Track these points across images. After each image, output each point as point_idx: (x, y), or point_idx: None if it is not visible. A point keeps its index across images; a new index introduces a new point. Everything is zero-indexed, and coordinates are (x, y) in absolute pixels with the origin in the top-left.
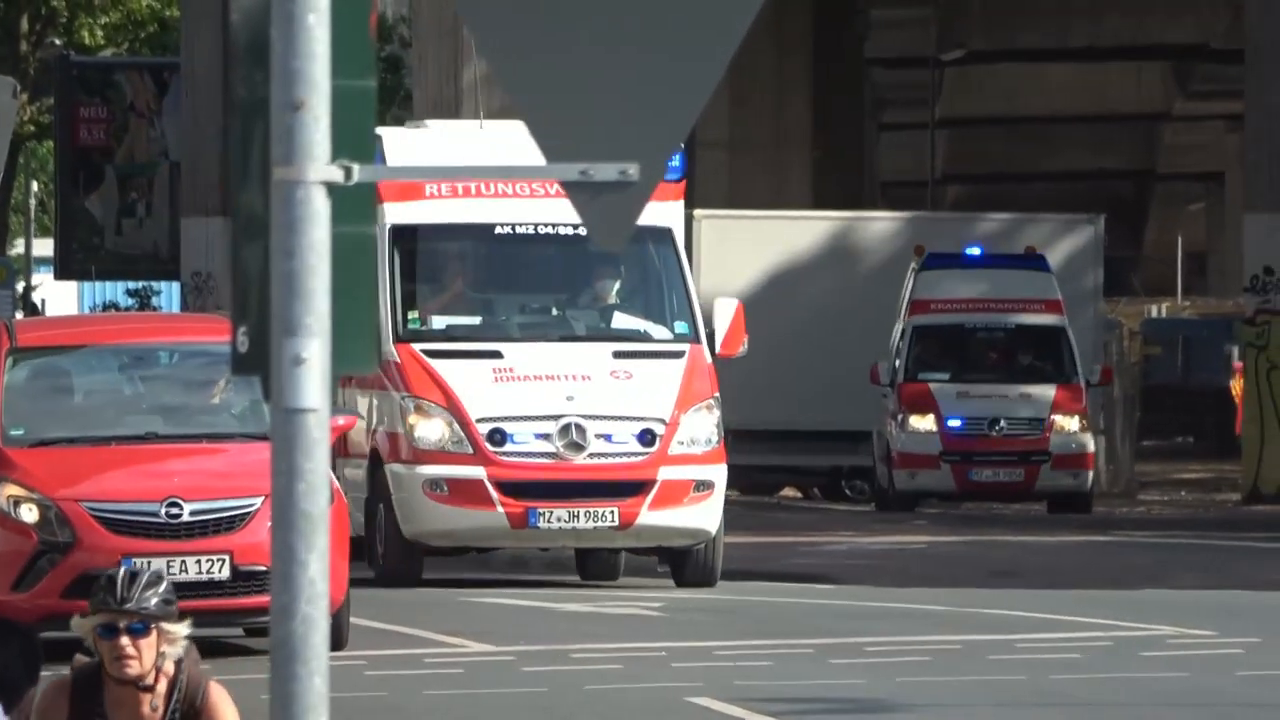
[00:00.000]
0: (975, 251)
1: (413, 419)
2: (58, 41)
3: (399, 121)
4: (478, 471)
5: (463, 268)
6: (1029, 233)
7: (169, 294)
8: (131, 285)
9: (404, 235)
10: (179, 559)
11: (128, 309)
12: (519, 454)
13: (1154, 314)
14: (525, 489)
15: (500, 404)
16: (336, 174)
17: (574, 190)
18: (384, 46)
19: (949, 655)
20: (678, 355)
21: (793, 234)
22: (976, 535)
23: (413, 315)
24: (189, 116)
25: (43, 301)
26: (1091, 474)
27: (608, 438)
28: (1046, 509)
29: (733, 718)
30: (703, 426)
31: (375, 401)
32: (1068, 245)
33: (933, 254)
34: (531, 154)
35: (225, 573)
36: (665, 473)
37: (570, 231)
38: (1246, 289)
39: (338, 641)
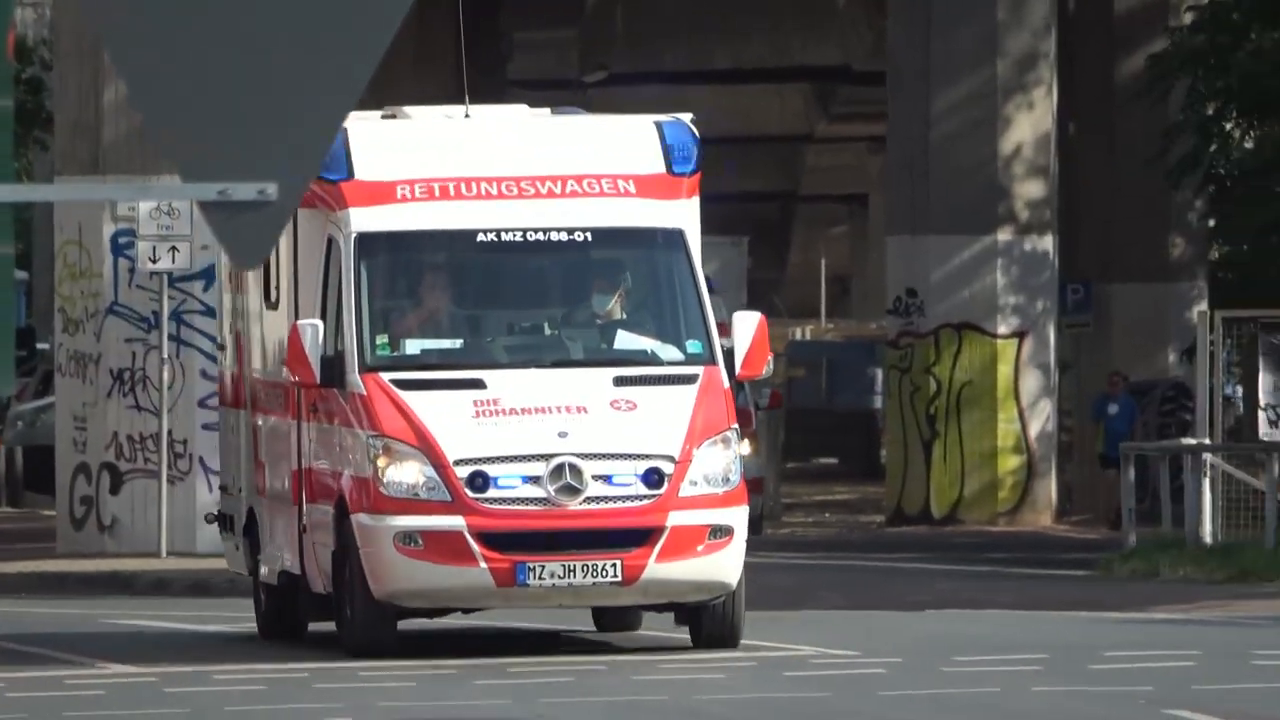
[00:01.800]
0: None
1: (381, 462)
2: None
3: (41, 144)
4: (456, 522)
5: (441, 282)
6: None
7: None
8: None
9: (372, 245)
10: None
11: None
12: (504, 501)
13: (798, 336)
14: (512, 541)
15: (482, 443)
16: None
17: (211, 210)
18: (25, 68)
19: (593, 676)
20: (689, 380)
21: None
22: None
23: (382, 339)
24: None
25: None
26: (762, 499)
27: (607, 479)
28: None
29: None
30: (718, 463)
31: (340, 440)
32: (712, 267)
33: None
34: (523, 142)
35: None
36: (675, 518)
37: (565, 238)
38: (889, 311)
39: None
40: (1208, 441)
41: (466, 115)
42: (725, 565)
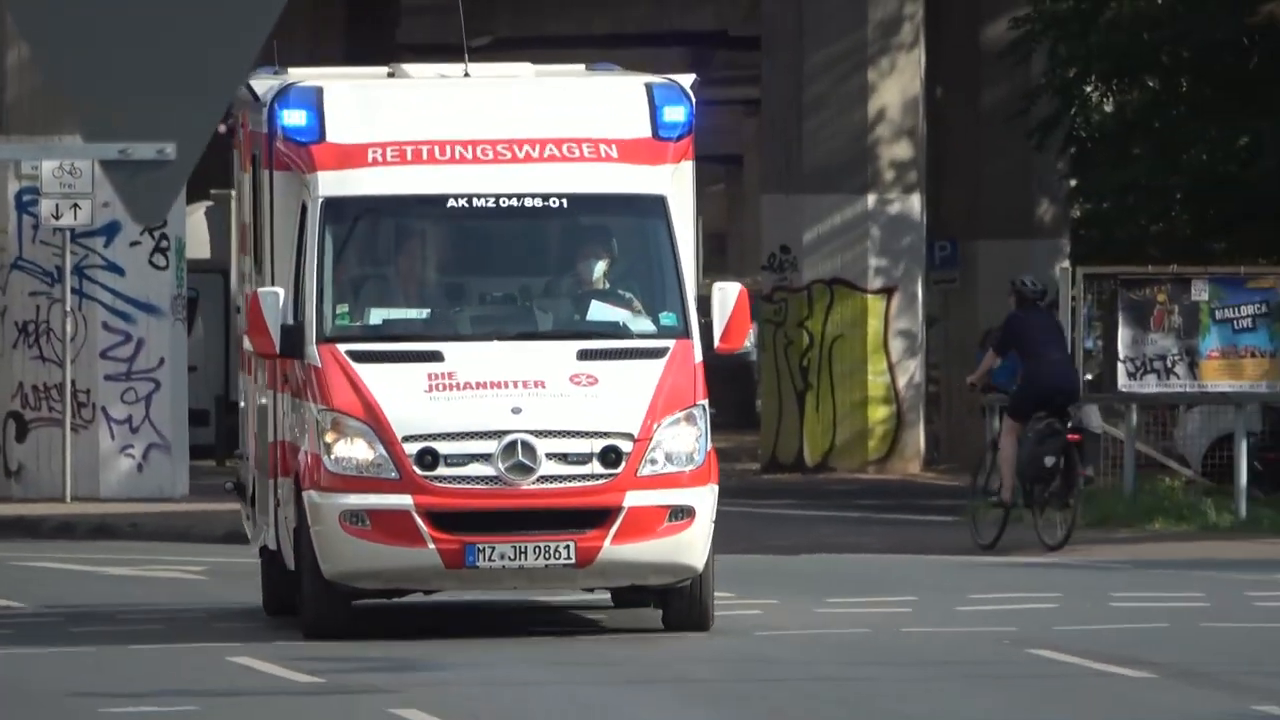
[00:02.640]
0: None
1: (329, 437)
2: None
3: None
4: (404, 500)
5: (407, 249)
6: None
7: None
8: None
9: (337, 210)
10: None
11: None
12: (453, 479)
13: None
14: (461, 521)
15: (432, 418)
16: None
17: (113, 169)
18: None
19: (481, 618)
20: (658, 354)
21: None
22: None
23: (342, 309)
24: None
25: None
26: None
27: (562, 458)
28: None
29: (273, 675)
30: (681, 440)
31: (299, 413)
32: None
33: None
34: (506, 104)
35: None
36: (633, 498)
37: (540, 204)
38: (764, 267)
39: None
40: None
41: (466, 74)
42: (687, 547)
